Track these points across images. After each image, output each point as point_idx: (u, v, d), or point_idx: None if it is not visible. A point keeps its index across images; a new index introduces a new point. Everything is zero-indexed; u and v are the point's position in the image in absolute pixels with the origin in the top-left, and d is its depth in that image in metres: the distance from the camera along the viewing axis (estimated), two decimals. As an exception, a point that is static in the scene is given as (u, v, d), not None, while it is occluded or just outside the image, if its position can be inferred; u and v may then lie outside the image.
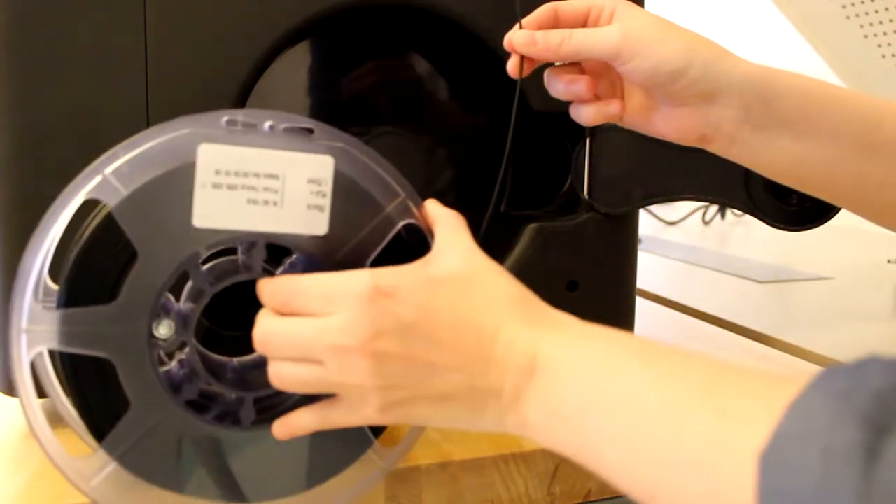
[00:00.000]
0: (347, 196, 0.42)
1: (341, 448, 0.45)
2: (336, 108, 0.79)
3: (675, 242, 1.43)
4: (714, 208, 1.53)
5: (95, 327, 0.40)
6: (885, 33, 0.91)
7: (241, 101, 0.62)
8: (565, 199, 0.73)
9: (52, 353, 0.41)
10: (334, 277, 0.39)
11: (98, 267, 0.41)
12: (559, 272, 0.48)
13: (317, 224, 0.42)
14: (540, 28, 0.51)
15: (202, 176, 0.40)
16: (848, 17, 0.92)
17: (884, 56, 0.93)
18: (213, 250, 0.42)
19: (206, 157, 0.40)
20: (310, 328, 0.38)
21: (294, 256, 0.43)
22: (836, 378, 0.26)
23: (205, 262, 0.43)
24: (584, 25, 0.51)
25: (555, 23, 0.52)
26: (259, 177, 0.40)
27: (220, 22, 0.61)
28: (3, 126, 0.58)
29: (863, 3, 0.90)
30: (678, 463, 0.29)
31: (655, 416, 0.31)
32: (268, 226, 0.41)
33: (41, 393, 0.42)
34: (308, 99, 0.78)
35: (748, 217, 0.73)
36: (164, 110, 0.59)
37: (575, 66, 0.54)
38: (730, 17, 1.65)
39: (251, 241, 0.42)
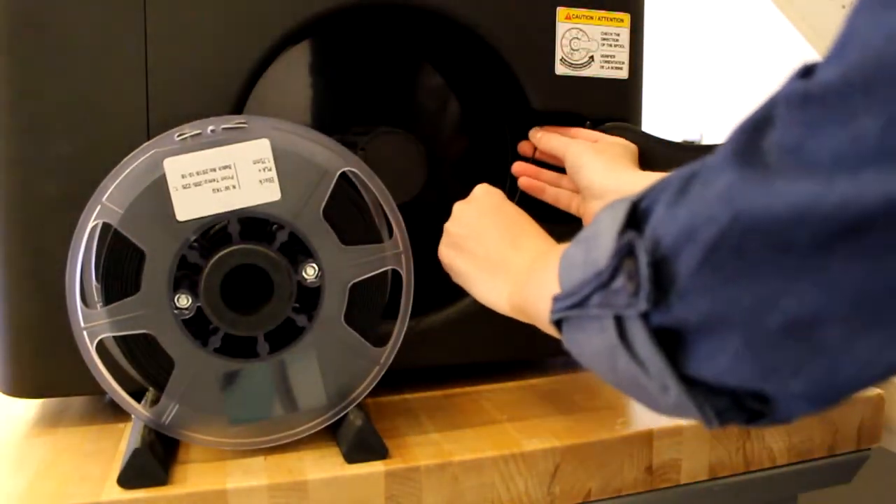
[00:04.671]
0: (289, 164, 0.54)
1: (350, 369, 0.58)
2: (335, 107, 0.79)
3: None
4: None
5: (132, 312, 0.53)
6: (885, 33, 0.90)
7: (240, 101, 0.62)
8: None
9: (108, 339, 0.54)
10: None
11: (121, 269, 0.53)
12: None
13: (271, 193, 0.53)
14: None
15: (173, 182, 0.52)
16: (848, 18, 0.92)
17: (884, 56, 0.92)
18: (199, 234, 0.53)
19: (172, 168, 0.52)
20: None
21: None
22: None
23: (202, 242, 0.54)
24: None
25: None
26: (216, 170, 0.52)
27: (220, 22, 0.61)
28: (3, 126, 0.58)
29: (863, 3, 0.90)
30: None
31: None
32: (233, 205, 0.53)
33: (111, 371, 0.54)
34: (307, 98, 0.78)
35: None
36: (164, 110, 0.59)
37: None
38: (730, 17, 1.65)
39: (225, 219, 0.53)
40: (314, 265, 0.55)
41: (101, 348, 0.53)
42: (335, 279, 0.55)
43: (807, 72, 0.29)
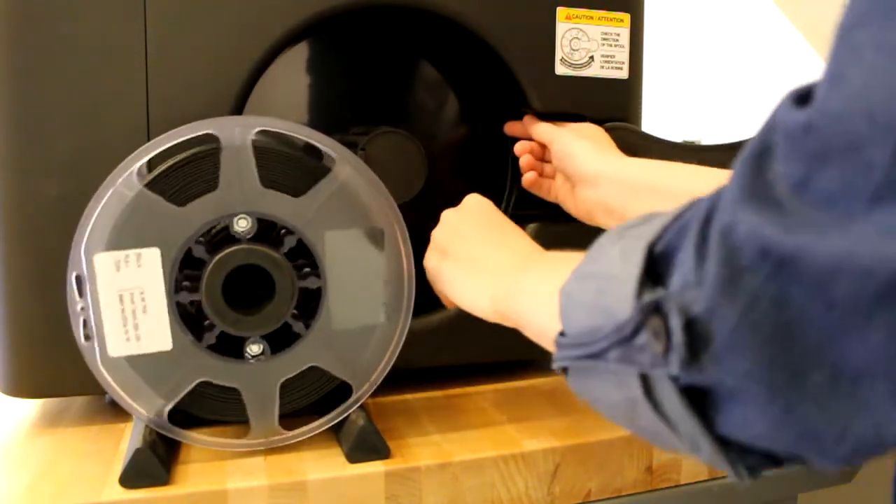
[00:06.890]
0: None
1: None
2: (335, 107, 0.79)
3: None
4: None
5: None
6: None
7: (241, 101, 0.62)
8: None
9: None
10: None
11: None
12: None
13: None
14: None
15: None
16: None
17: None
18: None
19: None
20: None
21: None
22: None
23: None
24: None
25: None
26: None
27: (220, 22, 0.61)
28: (3, 125, 0.58)
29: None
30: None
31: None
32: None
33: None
34: (307, 98, 0.78)
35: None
36: (164, 110, 0.59)
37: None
38: (730, 17, 1.65)
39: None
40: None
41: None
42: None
43: (803, 97, 0.27)
